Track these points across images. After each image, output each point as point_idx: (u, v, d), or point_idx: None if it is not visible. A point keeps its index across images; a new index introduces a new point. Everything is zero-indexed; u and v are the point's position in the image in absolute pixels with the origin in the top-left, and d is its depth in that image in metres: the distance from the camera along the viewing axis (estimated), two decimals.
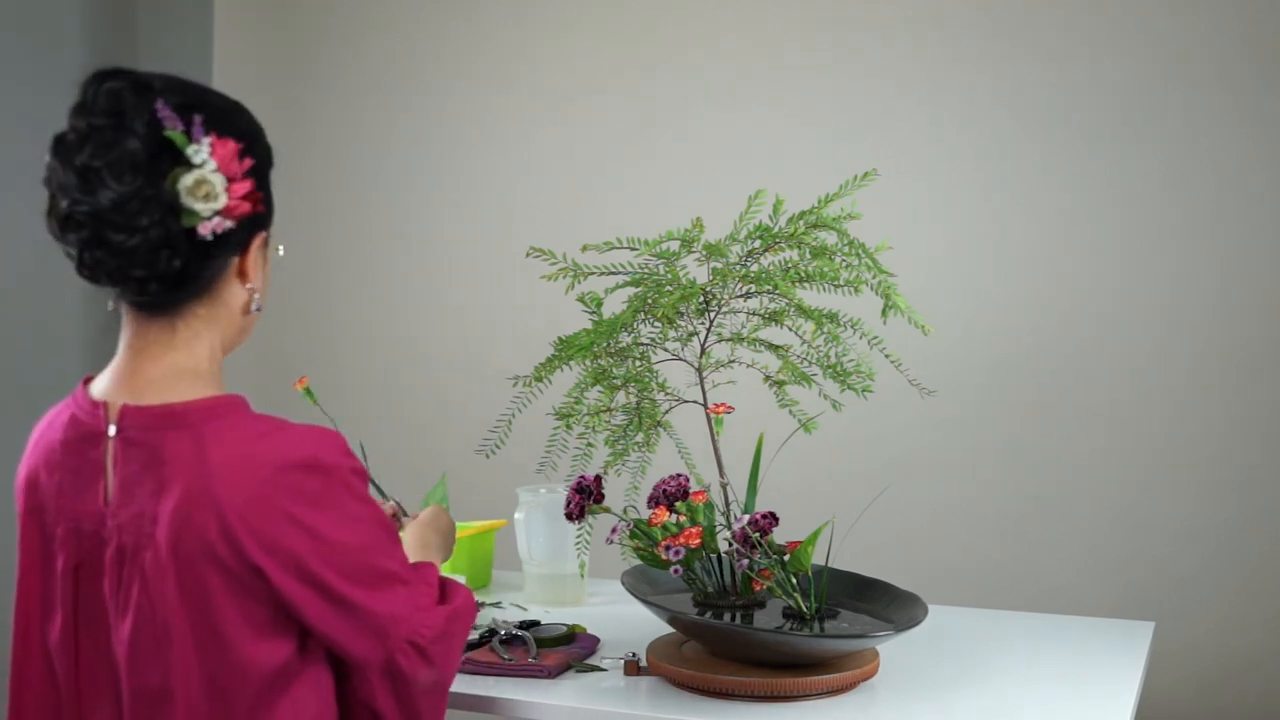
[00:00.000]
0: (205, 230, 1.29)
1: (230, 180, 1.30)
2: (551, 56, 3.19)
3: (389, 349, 3.36)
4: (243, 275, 1.38)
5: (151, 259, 1.29)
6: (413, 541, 1.70)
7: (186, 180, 1.27)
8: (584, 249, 1.73)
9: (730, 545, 1.74)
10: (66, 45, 2.99)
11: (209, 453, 1.30)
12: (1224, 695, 2.67)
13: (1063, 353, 2.79)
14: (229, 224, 1.31)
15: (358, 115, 3.38)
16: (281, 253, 1.48)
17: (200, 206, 1.28)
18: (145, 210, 1.27)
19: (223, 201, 1.29)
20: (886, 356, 1.71)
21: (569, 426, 1.79)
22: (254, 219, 1.36)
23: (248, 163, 1.33)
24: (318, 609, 1.34)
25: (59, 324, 2.85)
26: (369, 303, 3.39)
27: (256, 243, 1.38)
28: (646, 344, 1.79)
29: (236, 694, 1.33)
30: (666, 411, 1.81)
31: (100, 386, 1.38)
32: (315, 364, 3.39)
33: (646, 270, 1.76)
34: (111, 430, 1.34)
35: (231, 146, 1.31)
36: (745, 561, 1.70)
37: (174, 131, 1.27)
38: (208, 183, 1.28)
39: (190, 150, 1.28)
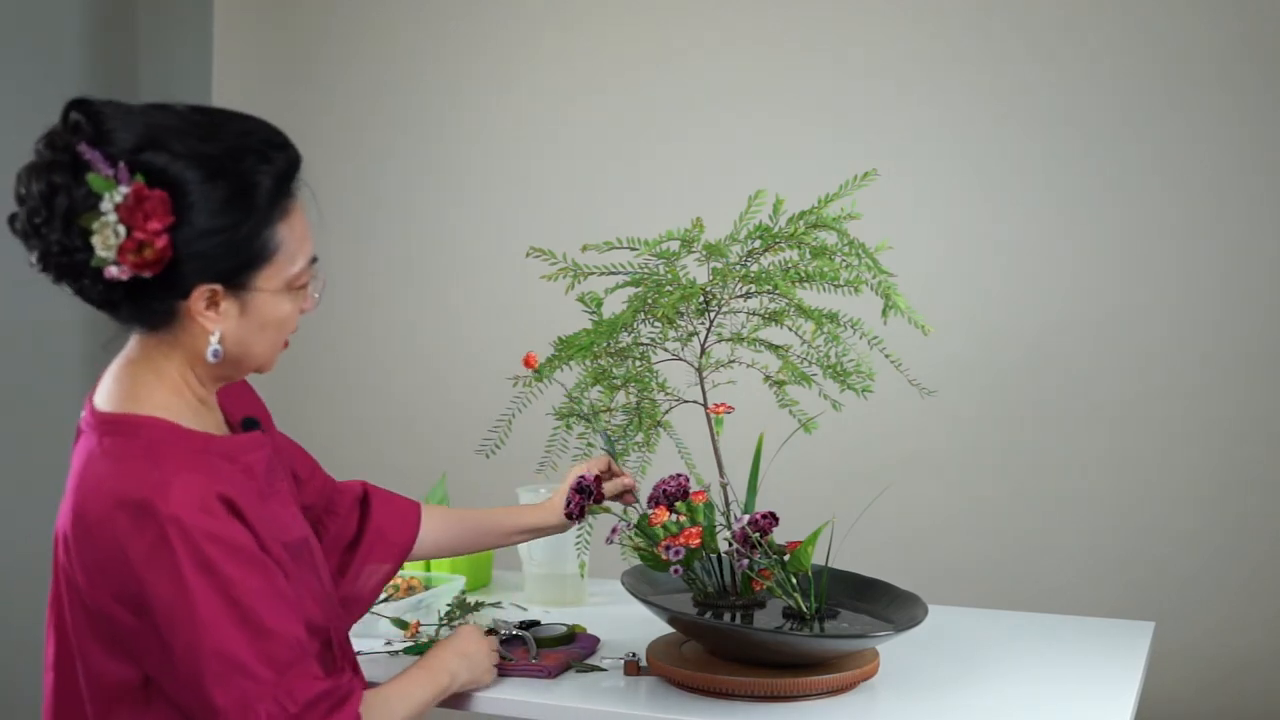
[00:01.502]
0: (109, 274, 1.27)
1: (131, 231, 1.26)
2: (552, 57, 3.18)
3: (389, 348, 3.36)
4: (193, 320, 1.34)
5: (73, 283, 1.31)
6: (427, 658, 1.60)
7: (95, 223, 1.26)
8: (584, 249, 1.73)
9: (730, 545, 1.74)
10: (66, 45, 2.99)
11: (87, 467, 1.33)
12: (1224, 695, 2.67)
13: (1062, 353, 2.78)
14: (141, 274, 1.28)
15: (358, 115, 3.37)
16: (317, 297, 1.44)
17: (101, 252, 1.27)
18: (50, 245, 1.28)
19: (113, 254, 1.26)
20: (886, 356, 1.71)
21: (569, 426, 1.79)
22: (193, 270, 1.30)
23: (160, 219, 1.26)
24: (140, 644, 1.32)
25: (59, 328, 2.85)
26: (369, 302, 3.39)
27: (199, 294, 1.32)
28: (646, 344, 1.79)
29: (85, 699, 1.36)
30: (667, 411, 1.81)
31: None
32: (315, 363, 3.39)
33: (646, 270, 1.76)
34: (80, 421, 1.40)
35: (157, 197, 1.26)
36: (745, 561, 1.70)
37: (95, 176, 1.26)
38: (109, 230, 1.26)
39: (106, 195, 1.25)
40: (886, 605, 1.78)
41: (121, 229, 1.25)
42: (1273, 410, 2.65)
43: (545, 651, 1.80)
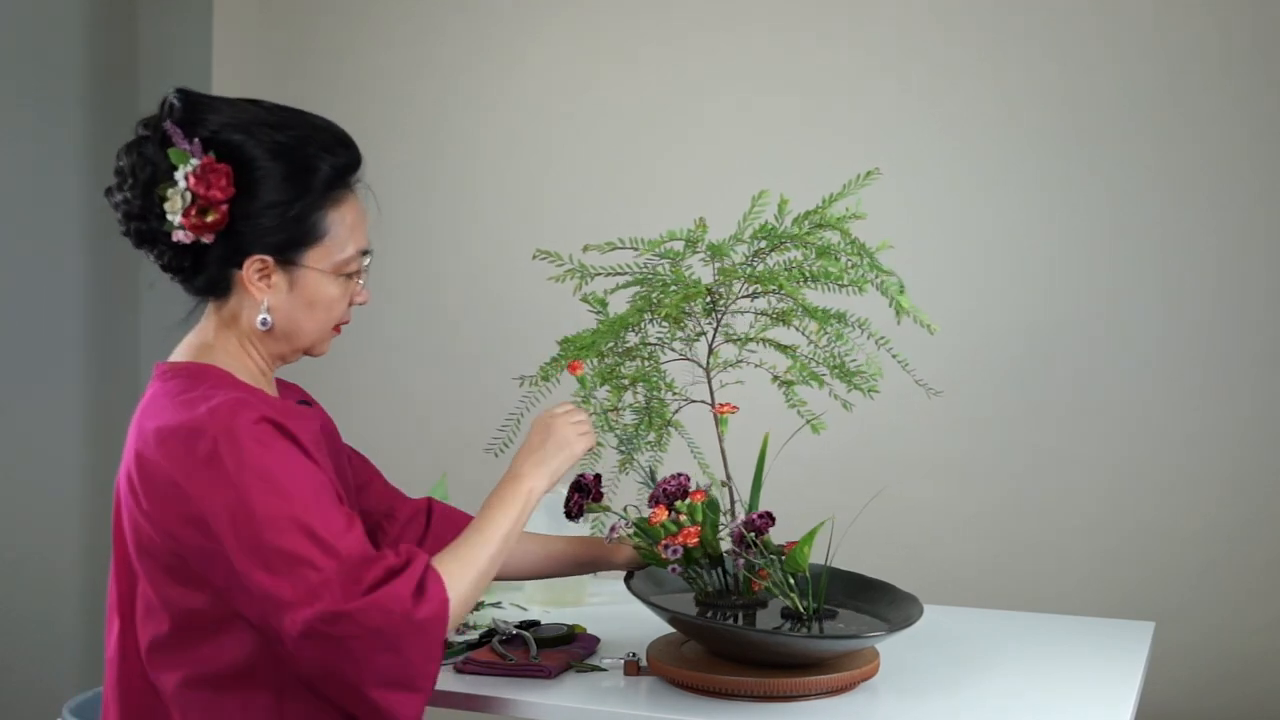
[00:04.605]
0: (176, 239, 1.44)
1: (195, 199, 1.41)
2: (554, 56, 3.18)
3: (391, 347, 3.36)
4: (247, 290, 1.48)
5: (151, 248, 1.47)
6: (503, 480, 1.59)
7: (169, 191, 1.42)
8: (585, 249, 1.73)
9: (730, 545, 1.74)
10: (66, 45, 2.99)
11: (148, 406, 1.46)
12: (1224, 695, 2.67)
13: (1064, 353, 2.78)
14: (202, 239, 1.43)
15: (358, 113, 3.36)
16: (363, 284, 1.58)
17: (170, 217, 1.43)
18: (132, 207, 1.45)
19: (178, 218, 1.42)
20: (893, 356, 1.71)
21: None
22: (248, 240, 1.45)
23: (222, 190, 1.41)
24: (207, 562, 1.38)
25: (59, 320, 2.85)
26: (372, 300, 3.39)
27: (251, 263, 1.46)
28: (654, 344, 1.79)
29: (150, 626, 1.43)
30: (676, 411, 1.80)
31: None
32: (315, 361, 3.39)
33: (649, 270, 1.76)
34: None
35: (223, 170, 1.41)
36: (742, 561, 1.70)
37: (174, 149, 1.42)
38: (178, 197, 1.42)
39: (180, 166, 1.41)
40: (886, 606, 1.77)
41: (188, 195, 1.41)
42: (1274, 410, 2.65)
43: (545, 651, 1.80)
